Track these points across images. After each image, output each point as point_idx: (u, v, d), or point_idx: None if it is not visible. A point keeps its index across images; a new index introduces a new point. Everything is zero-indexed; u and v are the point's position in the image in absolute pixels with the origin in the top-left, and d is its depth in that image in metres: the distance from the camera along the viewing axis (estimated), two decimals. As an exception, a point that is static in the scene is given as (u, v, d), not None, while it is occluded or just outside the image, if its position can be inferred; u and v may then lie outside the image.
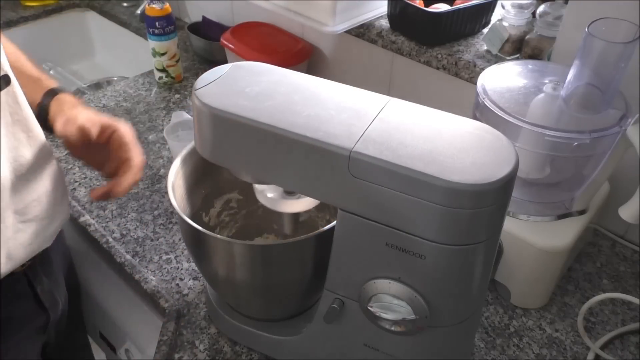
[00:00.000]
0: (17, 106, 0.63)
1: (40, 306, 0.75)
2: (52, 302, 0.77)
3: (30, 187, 0.65)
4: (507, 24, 0.90)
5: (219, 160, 0.56)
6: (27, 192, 0.65)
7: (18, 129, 0.63)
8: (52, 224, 0.70)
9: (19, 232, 0.65)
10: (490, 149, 0.48)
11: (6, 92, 0.61)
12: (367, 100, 0.53)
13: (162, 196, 0.95)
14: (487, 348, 0.72)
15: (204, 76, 0.55)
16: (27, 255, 0.68)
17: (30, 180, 0.65)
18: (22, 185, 0.64)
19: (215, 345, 0.72)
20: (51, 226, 0.71)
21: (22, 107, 0.63)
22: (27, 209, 0.65)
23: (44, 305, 0.75)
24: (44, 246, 0.71)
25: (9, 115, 0.62)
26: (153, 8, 1.14)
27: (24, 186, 0.65)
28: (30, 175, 0.65)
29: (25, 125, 0.64)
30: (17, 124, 0.63)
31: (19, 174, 0.63)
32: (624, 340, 0.74)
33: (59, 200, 0.71)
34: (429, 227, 0.47)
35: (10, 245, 0.64)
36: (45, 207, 0.68)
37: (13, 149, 0.62)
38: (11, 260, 0.65)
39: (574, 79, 0.66)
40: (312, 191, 0.52)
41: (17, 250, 0.65)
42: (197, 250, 0.64)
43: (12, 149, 0.62)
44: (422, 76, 1.01)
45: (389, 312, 0.53)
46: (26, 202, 0.65)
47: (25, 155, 0.64)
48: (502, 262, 0.74)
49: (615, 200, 0.73)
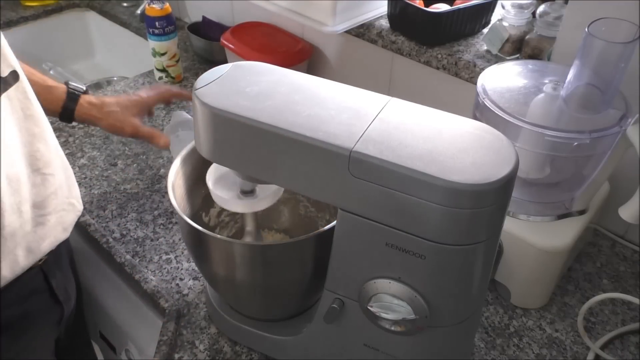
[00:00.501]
0: (28, 102, 0.64)
1: (55, 300, 0.76)
2: (65, 296, 0.78)
3: (46, 181, 0.67)
4: (507, 24, 0.90)
5: (219, 160, 0.56)
6: (44, 186, 0.67)
7: (31, 124, 0.64)
8: (68, 216, 0.72)
9: (38, 226, 0.66)
10: (490, 149, 0.48)
11: (16, 87, 0.62)
12: (367, 100, 0.53)
13: (162, 196, 0.95)
14: (487, 348, 0.72)
15: (204, 76, 0.55)
16: (46, 248, 0.69)
17: (46, 174, 0.67)
18: (39, 179, 0.66)
19: (215, 345, 0.72)
20: (67, 219, 0.72)
21: (32, 102, 0.65)
22: (44, 202, 0.67)
23: (59, 300, 0.77)
24: (61, 239, 0.72)
25: (21, 111, 0.63)
26: (153, 8, 1.14)
27: (41, 180, 0.66)
28: (46, 169, 0.67)
29: (37, 120, 0.65)
30: (30, 119, 0.64)
31: (35, 168, 0.65)
32: (624, 340, 0.74)
33: (72, 193, 0.73)
34: (429, 227, 0.47)
35: (30, 239, 0.65)
36: (60, 200, 0.70)
37: (28, 144, 0.64)
38: (31, 254, 0.66)
39: (574, 79, 0.66)
40: (312, 191, 0.52)
41: (36, 244, 0.67)
42: (197, 250, 0.64)
43: (27, 144, 0.64)
44: (422, 76, 1.01)
45: (389, 312, 0.53)
46: (44, 195, 0.67)
47: (40, 150, 0.65)
48: (502, 262, 0.74)
49: (615, 200, 0.73)
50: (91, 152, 1.04)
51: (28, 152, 0.64)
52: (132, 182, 0.98)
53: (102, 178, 0.98)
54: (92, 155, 1.04)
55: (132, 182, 0.98)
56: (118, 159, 1.03)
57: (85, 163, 1.02)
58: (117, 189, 0.96)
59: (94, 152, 1.04)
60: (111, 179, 0.98)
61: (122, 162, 1.02)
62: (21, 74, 0.63)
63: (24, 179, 0.63)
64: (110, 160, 1.03)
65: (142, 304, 0.86)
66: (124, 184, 0.97)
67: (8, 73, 0.60)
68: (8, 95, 0.60)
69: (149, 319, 0.84)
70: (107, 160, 1.03)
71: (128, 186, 0.97)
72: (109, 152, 1.04)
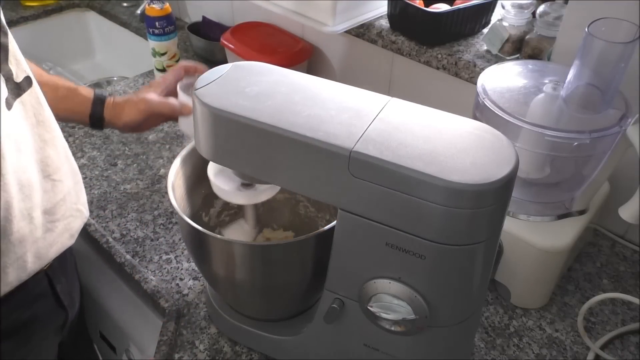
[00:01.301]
0: (40, 107, 0.64)
1: (59, 305, 0.76)
2: (70, 301, 0.78)
3: (56, 187, 0.67)
4: (507, 24, 0.90)
5: (219, 160, 0.56)
6: (54, 192, 0.66)
7: (43, 130, 0.64)
8: (75, 223, 0.72)
9: (47, 232, 0.66)
10: (490, 149, 0.48)
11: (29, 93, 0.62)
12: (367, 100, 0.53)
13: (162, 196, 0.95)
14: (487, 348, 0.72)
15: (204, 76, 0.55)
16: (53, 254, 0.69)
17: (56, 180, 0.67)
18: (49, 185, 0.66)
19: (215, 345, 0.72)
20: (74, 225, 0.72)
21: (44, 108, 0.65)
22: (54, 208, 0.67)
23: (63, 304, 0.76)
24: (67, 245, 0.72)
25: (34, 117, 0.63)
26: (153, 8, 1.14)
27: (51, 186, 0.66)
28: (56, 175, 0.67)
29: (48, 126, 0.65)
30: (42, 125, 0.64)
31: (46, 174, 0.65)
32: (624, 340, 0.74)
33: (80, 199, 0.73)
34: (429, 227, 0.47)
35: (40, 245, 0.65)
36: (69, 206, 0.70)
37: (40, 150, 0.64)
38: (39, 260, 0.66)
39: (574, 79, 0.66)
40: (312, 191, 0.52)
41: (45, 250, 0.66)
42: (197, 250, 0.64)
43: (39, 150, 0.64)
44: (422, 76, 1.01)
45: (389, 312, 0.53)
46: (54, 202, 0.67)
47: (51, 156, 0.65)
48: (502, 262, 0.74)
49: (615, 200, 0.73)
50: (91, 152, 1.04)
51: (40, 158, 0.64)
52: (132, 182, 0.98)
53: (102, 178, 0.98)
54: (92, 155, 1.04)
55: (132, 182, 0.98)
56: (118, 159, 1.03)
57: (85, 163, 1.02)
58: (117, 189, 0.96)
59: (94, 152, 1.04)
60: (111, 179, 0.98)
61: (122, 162, 1.02)
62: (34, 80, 0.63)
63: (36, 185, 0.63)
64: (110, 160, 1.03)
65: (142, 304, 0.86)
66: (124, 184, 0.97)
67: (22, 78, 0.60)
68: (22, 100, 0.60)
69: (149, 319, 0.84)
70: (107, 160, 1.03)
71: (128, 186, 0.97)
72: (109, 152, 1.04)
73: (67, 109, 0.81)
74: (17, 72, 0.59)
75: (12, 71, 0.59)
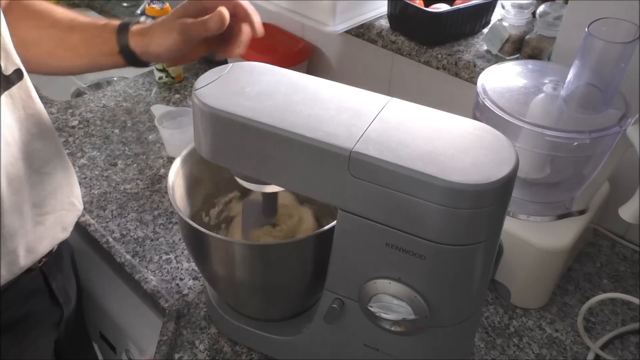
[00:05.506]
0: (30, 100, 0.64)
1: (55, 302, 0.76)
2: (65, 297, 0.78)
3: (45, 181, 0.67)
4: (507, 24, 0.90)
5: (219, 160, 0.56)
6: (43, 185, 0.66)
7: (31, 123, 0.64)
8: (68, 216, 0.72)
9: (37, 225, 0.66)
10: (490, 149, 0.48)
11: (19, 86, 0.61)
12: (367, 100, 0.53)
13: (162, 196, 0.95)
14: (487, 348, 0.72)
15: (204, 76, 0.55)
16: (45, 248, 0.69)
17: (45, 173, 0.67)
18: (37, 178, 0.66)
19: (215, 345, 0.72)
20: (67, 218, 0.72)
21: (34, 101, 0.64)
22: (43, 201, 0.67)
23: (59, 301, 0.77)
24: (60, 238, 0.72)
25: (22, 110, 0.63)
26: (153, 8, 1.14)
27: (39, 180, 0.66)
28: (44, 169, 0.67)
29: (37, 119, 0.65)
30: (31, 118, 0.64)
31: (35, 167, 0.65)
32: (624, 340, 0.74)
33: (73, 193, 0.73)
34: (429, 227, 0.47)
35: (30, 238, 0.65)
36: (60, 199, 0.69)
37: (28, 143, 0.63)
38: (31, 254, 0.66)
39: (574, 79, 0.66)
40: (312, 191, 0.52)
41: (35, 244, 0.66)
42: (197, 250, 0.64)
43: (27, 143, 0.63)
44: (422, 76, 1.01)
45: (389, 312, 0.53)
46: (42, 195, 0.67)
47: (39, 149, 0.65)
48: (502, 262, 0.74)
49: (615, 200, 0.73)
50: (91, 152, 1.04)
51: (27, 151, 0.64)
52: (132, 182, 0.98)
53: (102, 178, 0.98)
54: (92, 155, 1.04)
55: (132, 182, 0.98)
56: (118, 159, 1.03)
57: (85, 163, 1.02)
58: (117, 189, 0.96)
59: (94, 152, 1.04)
60: (111, 179, 0.98)
61: (122, 162, 1.02)
62: (24, 72, 0.62)
63: (24, 179, 0.63)
64: (110, 160, 1.03)
65: (142, 304, 0.86)
66: (124, 184, 0.97)
67: (12, 71, 0.60)
68: (10, 93, 0.60)
69: (149, 319, 0.84)
70: (107, 160, 1.03)
71: (128, 186, 0.97)
72: (109, 152, 1.04)
73: (101, 53, 0.69)
74: (6, 65, 0.59)
75: (1, 64, 0.58)
